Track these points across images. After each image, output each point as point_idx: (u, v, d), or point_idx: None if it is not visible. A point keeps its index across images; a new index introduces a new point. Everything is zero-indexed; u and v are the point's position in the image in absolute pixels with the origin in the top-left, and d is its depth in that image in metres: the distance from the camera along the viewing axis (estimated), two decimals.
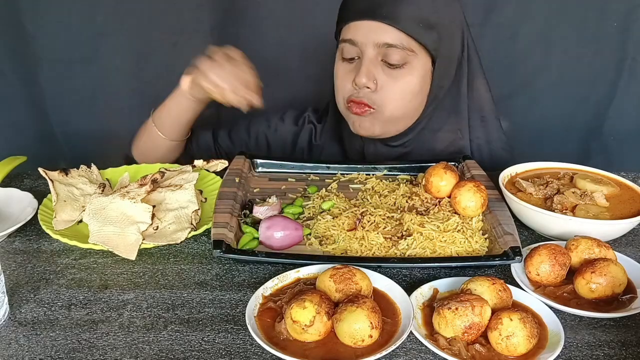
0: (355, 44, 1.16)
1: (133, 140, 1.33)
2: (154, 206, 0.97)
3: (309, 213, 1.05)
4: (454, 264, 0.91)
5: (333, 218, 1.00)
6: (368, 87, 1.16)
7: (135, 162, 1.28)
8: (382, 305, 0.78)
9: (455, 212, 1.01)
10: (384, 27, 1.13)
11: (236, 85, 1.12)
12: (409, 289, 0.82)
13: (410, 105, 1.20)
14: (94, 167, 1.12)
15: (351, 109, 1.19)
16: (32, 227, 1.00)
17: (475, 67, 1.27)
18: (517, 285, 0.84)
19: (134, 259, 0.92)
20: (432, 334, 0.76)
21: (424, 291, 0.83)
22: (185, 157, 1.34)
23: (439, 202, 1.04)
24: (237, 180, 1.08)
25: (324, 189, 1.12)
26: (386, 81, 1.16)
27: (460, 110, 1.27)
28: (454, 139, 1.27)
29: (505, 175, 1.09)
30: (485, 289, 0.77)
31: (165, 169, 1.08)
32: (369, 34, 1.14)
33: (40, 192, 1.06)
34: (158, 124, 1.26)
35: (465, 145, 1.28)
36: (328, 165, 1.19)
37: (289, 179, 1.16)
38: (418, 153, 1.26)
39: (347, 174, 1.18)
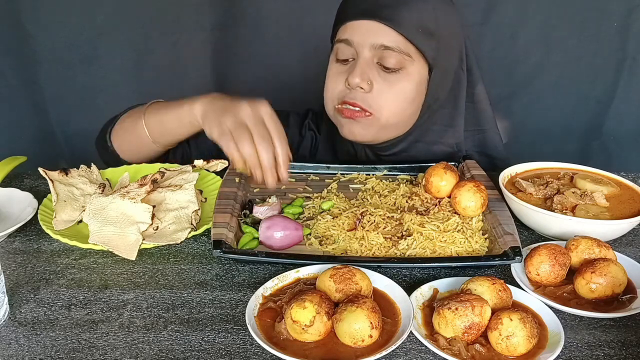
0: (350, 44, 1.14)
1: (112, 129, 1.22)
2: (154, 206, 0.97)
3: (309, 213, 1.05)
4: (454, 264, 0.91)
5: (333, 218, 1.00)
6: (362, 88, 1.13)
7: (112, 159, 1.20)
8: (382, 305, 0.78)
9: (455, 212, 1.01)
10: (382, 29, 1.11)
11: (262, 165, 1.00)
12: (409, 289, 0.82)
13: (405, 113, 1.18)
14: (94, 167, 1.12)
15: (342, 112, 1.15)
16: (32, 227, 1.00)
17: (476, 79, 1.26)
18: (517, 285, 0.84)
19: (134, 259, 0.92)
20: (432, 334, 0.76)
21: (424, 291, 0.83)
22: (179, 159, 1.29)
23: (439, 202, 1.04)
24: (237, 180, 1.08)
25: (324, 189, 1.12)
26: (381, 84, 1.13)
27: (456, 124, 1.25)
28: (450, 152, 1.24)
29: (505, 175, 1.09)
30: (485, 289, 0.77)
31: (165, 169, 1.08)
32: (366, 35, 1.12)
33: (40, 192, 1.06)
34: (151, 126, 1.16)
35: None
36: (328, 165, 1.19)
37: (289, 179, 1.16)
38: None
39: (347, 174, 1.18)
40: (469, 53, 1.24)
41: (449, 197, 1.04)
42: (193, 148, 1.27)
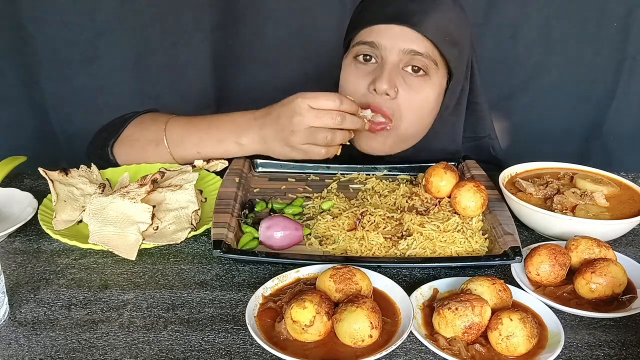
0: (377, 47, 1.12)
1: (114, 143, 1.19)
2: (154, 206, 0.97)
3: (309, 213, 1.05)
4: (454, 264, 0.91)
5: (333, 218, 1.00)
6: (387, 95, 1.11)
7: (108, 165, 1.17)
8: (382, 305, 0.78)
9: (455, 212, 1.01)
10: (412, 34, 1.10)
11: (350, 128, 1.07)
12: (409, 289, 0.82)
13: (423, 123, 1.18)
14: (94, 167, 1.12)
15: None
16: (32, 227, 1.00)
17: (477, 89, 1.26)
18: (517, 285, 0.84)
19: (134, 259, 0.92)
20: (432, 334, 0.76)
21: (424, 291, 0.83)
22: None
23: (439, 202, 1.04)
24: (237, 180, 1.08)
25: (324, 189, 1.12)
26: (406, 91, 1.12)
27: (456, 132, 1.25)
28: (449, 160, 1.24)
29: (505, 175, 1.09)
30: (485, 289, 0.77)
31: (165, 169, 1.08)
32: (396, 39, 1.11)
33: (40, 192, 1.06)
34: (180, 154, 1.14)
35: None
36: (328, 165, 1.19)
37: (289, 179, 1.16)
38: None
39: (347, 174, 1.18)
40: (474, 63, 1.24)
41: (449, 197, 1.04)
42: None
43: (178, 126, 1.16)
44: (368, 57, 1.15)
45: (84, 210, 0.98)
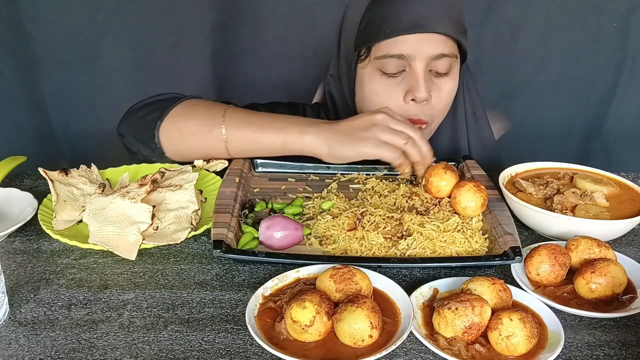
0: (404, 58, 1.12)
1: (160, 125, 1.13)
2: (154, 206, 0.97)
3: (309, 213, 1.05)
4: (454, 264, 0.91)
5: (333, 218, 1.00)
6: (425, 101, 1.14)
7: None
8: (382, 305, 0.78)
9: (455, 212, 1.01)
10: (435, 38, 1.12)
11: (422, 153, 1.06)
12: (409, 289, 0.82)
13: (447, 112, 1.22)
14: (94, 167, 1.12)
15: None
16: (32, 227, 1.00)
17: (467, 68, 1.28)
18: (517, 285, 0.84)
19: (134, 259, 0.92)
20: (432, 334, 0.76)
21: (424, 291, 0.83)
22: None
23: (439, 202, 1.04)
24: (237, 180, 1.08)
25: (324, 189, 1.12)
26: (436, 92, 1.16)
27: (457, 110, 1.28)
28: (451, 138, 1.27)
29: (505, 175, 1.09)
30: (485, 289, 0.77)
31: (165, 169, 1.08)
32: (422, 47, 1.11)
33: (40, 192, 1.06)
34: (235, 143, 1.10)
35: (463, 144, 1.29)
36: (328, 165, 1.19)
37: (289, 179, 1.16)
38: None
39: (347, 174, 1.18)
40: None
41: (449, 197, 1.04)
42: None
43: (238, 113, 1.12)
44: (394, 73, 1.14)
45: (84, 210, 0.99)
